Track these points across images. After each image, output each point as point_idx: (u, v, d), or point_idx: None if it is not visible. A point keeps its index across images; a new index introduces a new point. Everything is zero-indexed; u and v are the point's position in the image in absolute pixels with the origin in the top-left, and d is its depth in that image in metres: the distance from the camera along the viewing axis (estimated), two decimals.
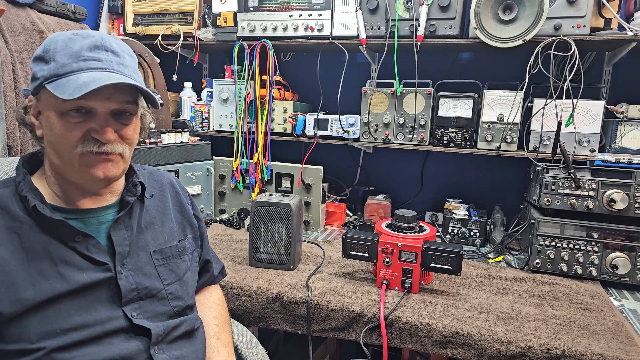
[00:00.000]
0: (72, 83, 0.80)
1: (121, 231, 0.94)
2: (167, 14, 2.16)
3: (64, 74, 0.81)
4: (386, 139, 1.92)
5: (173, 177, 1.16)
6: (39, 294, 0.81)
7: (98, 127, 0.84)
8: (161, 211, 1.05)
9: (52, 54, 0.83)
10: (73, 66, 0.82)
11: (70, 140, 0.83)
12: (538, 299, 1.37)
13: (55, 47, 0.83)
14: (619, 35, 1.60)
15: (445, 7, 1.73)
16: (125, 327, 0.88)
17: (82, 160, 0.85)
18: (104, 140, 0.85)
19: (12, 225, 0.84)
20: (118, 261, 0.91)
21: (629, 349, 1.10)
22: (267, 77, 1.99)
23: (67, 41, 0.84)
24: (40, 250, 0.84)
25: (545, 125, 1.71)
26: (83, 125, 0.84)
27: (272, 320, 1.37)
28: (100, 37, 0.86)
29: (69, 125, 0.83)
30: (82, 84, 0.79)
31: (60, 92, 0.79)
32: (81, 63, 0.82)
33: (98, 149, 0.85)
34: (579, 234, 1.52)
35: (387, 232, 1.45)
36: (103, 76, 0.82)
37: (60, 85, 0.80)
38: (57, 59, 0.82)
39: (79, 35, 0.85)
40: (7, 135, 1.49)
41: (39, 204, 0.84)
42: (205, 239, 1.18)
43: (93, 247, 0.88)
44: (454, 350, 1.19)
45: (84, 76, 0.81)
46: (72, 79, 0.81)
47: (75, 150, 0.84)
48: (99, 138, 0.84)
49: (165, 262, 0.99)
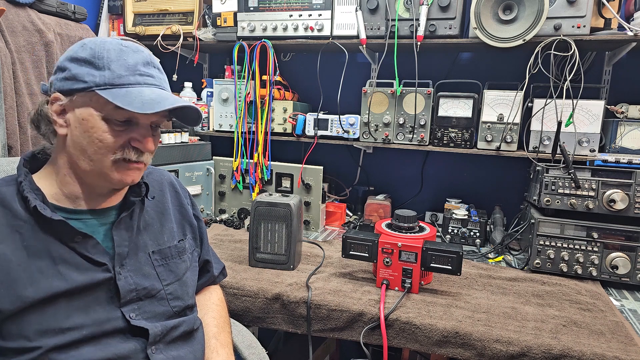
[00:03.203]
0: (136, 97, 0.83)
1: (122, 232, 0.94)
2: (167, 14, 2.16)
3: (120, 85, 0.84)
4: (386, 139, 1.92)
5: (173, 176, 1.16)
6: (39, 292, 0.81)
7: (141, 138, 0.88)
8: (160, 211, 1.05)
9: (107, 62, 0.84)
10: (130, 79, 0.85)
11: (111, 145, 0.86)
12: (538, 299, 1.37)
13: (109, 56, 0.84)
14: (619, 35, 1.60)
15: (445, 7, 1.73)
16: (123, 328, 0.88)
17: (116, 165, 0.87)
18: (144, 150, 0.89)
19: (14, 224, 0.84)
20: (117, 262, 0.91)
21: (629, 349, 1.10)
22: (267, 77, 1.99)
23: (119, 52, 0.86)
24: (41, 249, 0.84)
25: (545, 125, 1.71)
26: (125, 134, 0.87)
27: (272, 320, 1.37)
28: (148, 53, 0.90)
29: (113, 132, 0.85)
30: (151, 101, 0.83)
31: (125, 104, 0.82)
32: (138, 77, 0.86)
33: (137, 158, 0.89)
34: (579, 234, 1.52)
35: (387, 232, 1.45)
36: (166, 96, 0.87)
37: (120, 95, 0.83)
38: (113, 69, 0.84)
39: (128, 47, 0.87)
40: (7, 135, 1.49)
41: (40, 204, 0.84)
42: (205, 239, 1.18)
43: (92, 248, 0.88)
44: (454, 350, 1.19)
45: (147, 92, 0.85)
46: (133, 92, 0.84)
47: (113, 156, 0.86)
48: (141, 148, 0.88)
49: (164, 262, 0.99)
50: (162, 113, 0.88)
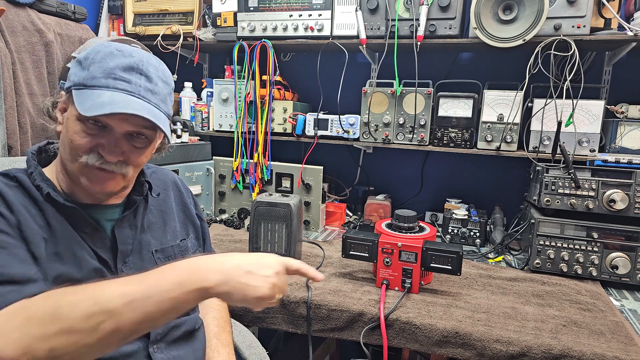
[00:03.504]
0: (93, 98, 0.81)
1: (125, 230, 0.94)
2: (167, 14, 2.16)
3: (90, 86, 0.83)
4: (386, 139, 1.92)
5: (176, 176, 1.17)
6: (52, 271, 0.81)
7: (107, 146, 0.85)
8: (164, 210, 1.05)
9: (89, 63, 0.84)
10: (101, 81, 0.83)
11: (78, 147, 0.84)
12: (538, 299, 1.37)
13: (95, 58, 0.84)
14: (619, 35, 1.60)
15: (445, 7, 1.73)
16: None
17: (83, 170, 0.85)
18: (107, 159, 0.85)
19: (36, 205, 0.85)
20: (120, 259, 0.91)
21: (629, 349, 1.10)
22: (267, 77, 1.99)
23: (107, 55, 0.84)
24: (60, 230, 0.85)
25: (545, 125, 1.71)
26: (94, 139, 0.84)
27: (272, 320, 1.37)
28: (140, 59, 0.86)
29: (82, 133, 0.84)
30: (99, 104, 0.80)
31: (79, 104, 0.81)
32: (110, 80, 0.83)
33: (100, 165, 0.85)
34: (579, 234, 1.52)
35: (387, 232, 1.45)
36: (122, 101, 0.82)
37: (83, 96, 0.82)
38: (91, 70, 0.83)
39: (121, 52, 0.85)
40: (7, 135, 1.49)
41: (52, 192, 0.86)
42: (208, 239, 1.19)
43: (98, 242, 0.89)
44: (454, 350, 1.19)
45: (106, 95, 0.82)
46: (94, 94, 0.82)
47: (80, 159, 0.84)
48: (105, 156, 0.84)
49: (167, 261, 1.00)
50: (137, 122, 0.84)
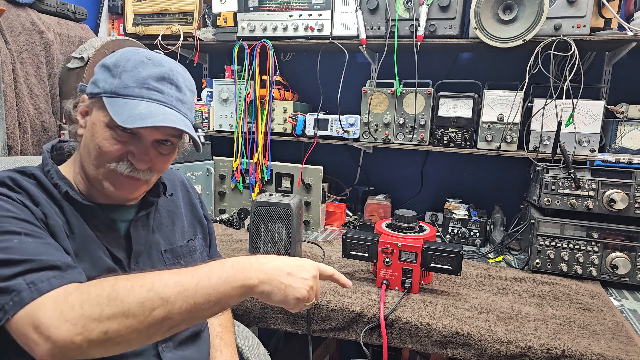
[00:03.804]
0: (129, 109, 0.81)
1: (139, 230, 0.95)
2: (167, 14, 2.16)
3: (123, 95, 0.83)
4: (386, 139, 1.92)
5: (183, 176, 1.17)
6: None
7: (137, 154, 0.86)
8: (172, 210, 1.06)
9: (121, 71, 0.84)
10: (135, 91, 0.83)
11: (108, 154, 0.84)
12: (538, 299, 1.37)
13: (126, 65, 0.84)
14: (619, 35, 1.60)
15: (445, 7, 1.73)
16: None
17: (108, 175, 0.86)
18: (138, 167, 0.86)
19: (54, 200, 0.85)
20: (133, 259, 0.92)
21: (629, 349, 1.10)
22: (267, 77, 1.99)
23: (138, 64, 0.85)
24: (78, 227, 0.85)
25: (545, 125, 1.71)
26: (124, 146, 0.85)
27: (272, 320, 1.37)
28: (170, 69, 0.87)
29: (112, 140, 0.84)
30: (138, 115, 0.81)
31: (115, 114, 0.81)
32: (143, 91, 0.84)
33: (129, 172, 0.86)
34: (579, 234, 1.52)
35: (387, 232, 1.45)
36: (160, 113, 0.83)
37: (117, 105, 0.82)
38: (123, 78, 0.83)
39: (152, 60, 0.86)
40: (7, 135, 1.49)
41: (70, 190, 0.86)
42: (214, 240, 1.21)
43: (113, 241, 0.90)
44: (454, 350, 1.19)
45: (142, 106, 0.82)
46: (130, 104, 0.82)
47: (108, 165, 0.85)
48: (135, 164, 0.86)
49: (176, 261, 1.00)
50: (166, 131, 0.86)
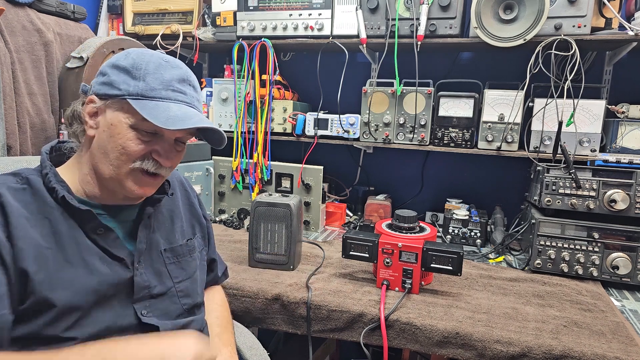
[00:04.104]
0: (163, 111, 0.84)
1: (142, 229, 0.95)
2: (166, 13, 2.16)
3: (151, 97, 0.85)
4: (386, 139, 1.91)
5: (182, 176, 1.17)
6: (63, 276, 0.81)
7: (162, 152, 0.89)
8: (172, 209, 1.06)
9: (144, 73, 0.86)
10: (162, 93, 0.86)
11: (132, 153, 0.86)
12: (539, 300, 1.37)
13: (147, 68, 0.86)
14: (619, 35, 1.59)
15: (446, 7, 1.73)
16: (134, 325, 0.89)
17: (131, 174, 0.88)
18: (164, 164, 0.89)
19: (44, 210, 0.85)
20: (136, 258, 0.92)
21: (629, 350, 1.10)
22: (266, 77, 1.99)
23: (158, 66, 0.87)
24: (68, 236, 0.85)
25: (546, 125, 1.71)
26: (148, 145, 0.88)
27: (272, 320, 1.36)
28: (186, 70, 0.91)
29: (137, 140, 0.86)
30: (175, 117, 0.84)
31: (151, 117, 0.83)
32: (170, 92, 0.87)
33: (155, 170, 0.89)
34: (580, 234, 1.52)
35: (387, 233, 1.45)
36: (192, 114, 0.87)
37: (148, 107, 0.84)
38: (148, 81, 0.86)
39: (168, 62, 0.89)
40: (7, 135, 1.49)
41: (67, 194, 0.86)
42: (212, 240, 1.21)
43: (112, 242, 0.89)
44: (455, 351, 1.19)
45: (174, 108, 0.86)
46: (161, 106, 0.85)
47: (132, 164, 0.87)
48: (161, 162, 0.89)
49: (176, 260, 1.01)
50: (187, 130, 0.89)
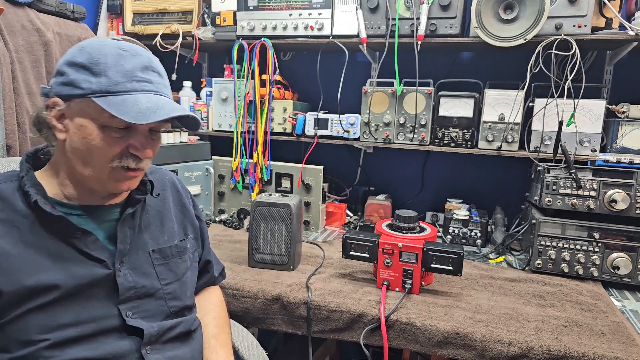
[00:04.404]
0: (131, 105, 0.81)
1: (124, 229, 0.94)
2: (166, 13, 2.16)
3: (117, 92, 0.82)
4: (386, 139, 1.91)
5: (175, 176, 1.16)
6: (39, 281, 0.81)
7: (139, 145, 0.86)
8: (161, 211, 1.05)
9: (103, 67, 0.82)
10: (127, 85, 0.82)
11: (108, 154, 0.84)
12: (539, 300, 1.37)
13: (106, 61, 0.82)
14: (620, 34, 1.59)
15: (446, 6, 1.72)
16: (118, 326, 0.88)
17: (113, 173, 0.86)
18: (142, 157, 0.87)
19: (13, 219, 0.84)
20: (117, 259, 0.90)
21: (630, 350, 1.10)
22: (266, 77, 1.99)
23: (117, 57, 0.83)
24: (40, 245, 0.84)
25: (546, 125, 1.71)
26: (123, 141, 0.85)
27: (272, 321, 1.36)
28: (147, 56, 0.88)
29: (109, 139, 0.84)
30: (146, 110, 0.81)
31: (120, 113, 0.79)
32: (135, 84, 0.83)
33: (135, 165, 0.87)
34: (580, 234, 1.51)
35: (387, 233, 1.44)
36: (163, 103, 0.85)
37: (115, 104, 0.80)
38: (110, 75, 0.82)
39: (127, 51, 0.84)
40: (6, 135, 1.49)
41: (41, 199, 0.84)
42: (206, 239, 1.19)
43: (92, 244, 0.88)
44: (455, 351, 1.19)
45: (143, 99, 0.82)
46: (128, 99, 0.81)
47: (111, 164, 0.85)
48: (140, 155, 0.87)
49: (164, 261, 0.99)
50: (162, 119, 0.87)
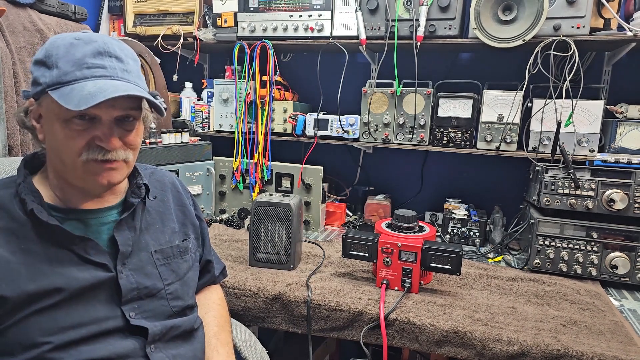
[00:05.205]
0: (77, 93, 0.78)
1: (124, 232, 0.94)
2: (167, 14, 2.17)
3: (67, 82, 0.80)
4: (386, 139, 1.92)
5: (175, 177, 1.17)
6: (40, 286, 0.81)
7: (102, 136, 0.83)
8: (162, 211, 1.05)
9: (55, 59, 0.81)
10: (77, 74, 0.80)
11: (74, 148, 0.82)
12: (538, 299, 1.38)
13: (58, 52, 0.81)
14: (618, 35, 1.60)
15: (445, 8, 1.73)
16: (122, 327, 0.89)
17: (86, 167, 0.84)
18: (109, 149, 0.84)
19: (11, 227, 0.83)
20: (119, 261, 0.91)
21: (628, 349, 1.11)
22: (267, 78, 1.99)
23: (69, 47, 0.81)
24: (39, 252, 0.84)
25: (544, 126, 1.72)
26: (87, 133, 0.82)
27: (272, 320, 1.37)
28: (103, 42, 0.84)
29: (72, 133, 0.82)
30: (88, 95, 0.77)
31: (65, 102, 0.77)
32: (85, 71, 0.81)
33: (103, 157, 0.84)
34: (579, 234, 1.52)
35: (387, 232, 1.45)
36: (109, 86, 0.80)
37: (65, 94, 0.79)
38: (60, 66, 0.80)
39: (81, 40, 0.82)
40: (8, 135, 1.49)
41: (37, 207, 0.84)
42: (207, 239, 1.19)
43: (91, 249, 0.88)
44: (454, 350, 1.19)
45: (89, 85, 0.79)
46: (76, 87, 0.79)
47: (80, 158, 0.83)
48: (104, 146, 0.83)
49: (166, 261, 1.00)
50: (124, 105, 0.84)
